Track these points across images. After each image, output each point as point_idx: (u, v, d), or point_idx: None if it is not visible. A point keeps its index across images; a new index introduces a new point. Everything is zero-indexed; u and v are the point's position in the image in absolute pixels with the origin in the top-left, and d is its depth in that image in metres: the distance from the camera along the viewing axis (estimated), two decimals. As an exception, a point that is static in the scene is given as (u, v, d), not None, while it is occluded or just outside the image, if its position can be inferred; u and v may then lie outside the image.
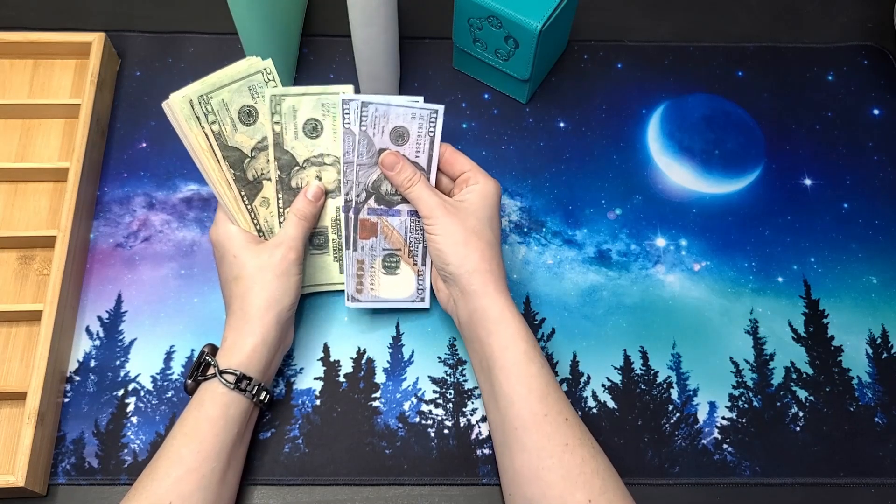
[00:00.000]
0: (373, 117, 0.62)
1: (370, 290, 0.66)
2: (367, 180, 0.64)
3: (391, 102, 0.62)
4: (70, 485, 0.63)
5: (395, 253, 0.66)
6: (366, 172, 0.64)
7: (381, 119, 0.62)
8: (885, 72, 0.82)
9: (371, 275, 0.66)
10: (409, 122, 0.62)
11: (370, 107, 0.62)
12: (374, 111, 0.62)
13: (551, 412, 0.56)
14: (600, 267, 0.73)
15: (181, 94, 0.60)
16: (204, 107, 0.61)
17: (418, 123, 0.63)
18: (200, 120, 0.61)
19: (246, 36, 0.71)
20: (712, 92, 0.81)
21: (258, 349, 0.59)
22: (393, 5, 0.67)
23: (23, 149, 0.75)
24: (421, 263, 0.66)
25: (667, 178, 0.76)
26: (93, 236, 0.72)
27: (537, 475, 0.55)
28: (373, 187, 0.64)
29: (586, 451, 0.56)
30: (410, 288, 0.67)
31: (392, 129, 0.63)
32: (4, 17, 0.82)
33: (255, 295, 0.60)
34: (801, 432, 0.66)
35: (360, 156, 0.63)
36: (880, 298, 0.72)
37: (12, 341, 0.68)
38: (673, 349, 0.69)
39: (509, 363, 0.58)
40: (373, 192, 0.64)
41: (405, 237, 0.66)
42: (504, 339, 0.58)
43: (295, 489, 0.64)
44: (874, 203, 0.76)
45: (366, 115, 0.62)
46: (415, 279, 0.67)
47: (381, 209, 0.65)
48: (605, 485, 0.55)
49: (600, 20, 0.84)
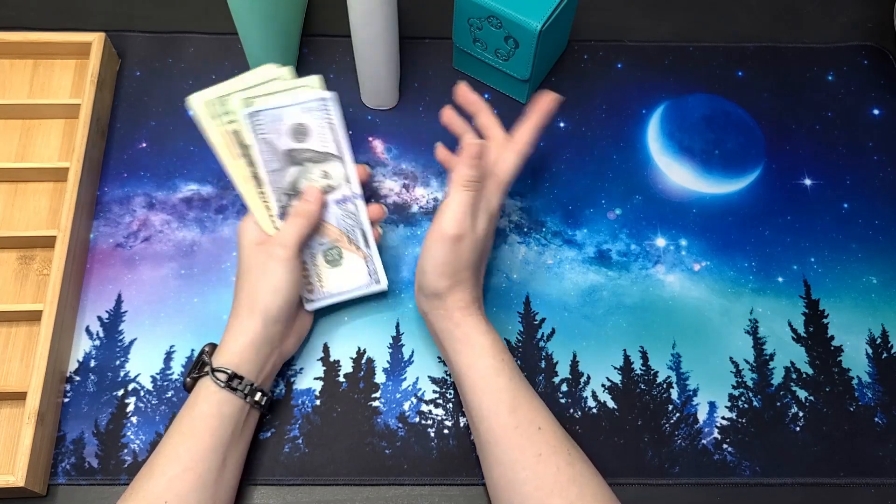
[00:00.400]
0: (268, 123, 0.62)
1: (320, 289, 0.66)
2: (283, 183, 0.64)
3: (281, 103, 0.62)
4: (70, 485, 0.63)
5: (334, 245, 0.66)
6: (279, 177, 0.63)
7: (275, 123, 0.62)
8: (885, 72, 0.82)
9: (316, 273, 0.66)
10: (303, 118, 0.62)
11: (262, 114, 0.62)
12: (267, 117, 0.62)
13: (522, 423, 0.57)
14: (600, 267, 0.73)
15: (202, 94, 0.62)
16: (221, 106, 0.62)
17: (312, 115, 0.63)
18: (218, 118, 0.62)
19: (246, 36, 0.71)
20: (712, 92, 0.81)
21: (248, 349, 0.59)
22: (393, 5, 0.67)
23: (23, 149, 0.75)
24: (365, 247, 0.66)
25: (667, 178, 0.76)
26: (93, 236, 0.72)
27: (513, 487, 0.56)
28: (291, 189, 0.64)
29: (561, 460, 0.56)
30: (362, 274, 0.66)
31: (290, 129, 0.63)
32: (4, 17, 0.82)
33: (248, 294, 0.60)
34: (801, 432, 0.66)
35: (268, 162, 0.63)
36: (880, 298, 0.72)
37: (12, 341, 0.68)
38: (673, 349, 0.69)
39: (477, 378, 0.58)
40: (293, 192, 0.64)
41: (339, 226, 0.65)
42: (469, 356, 0.59)
43: (295, 489, 0.64)
44: (874, 203, 0.76)
45: (260, 124, 0.62)
46: (363, 265, 0.66)
47: None
48: (581, 492, 0.55)
49: (600, 20, 0.84)
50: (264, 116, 0.62)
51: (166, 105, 0.78)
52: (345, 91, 0.79)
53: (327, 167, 0.64)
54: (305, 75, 0.80)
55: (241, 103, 0.62)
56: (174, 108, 0.78)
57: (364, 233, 0.66)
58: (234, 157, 0.63)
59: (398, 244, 0.73)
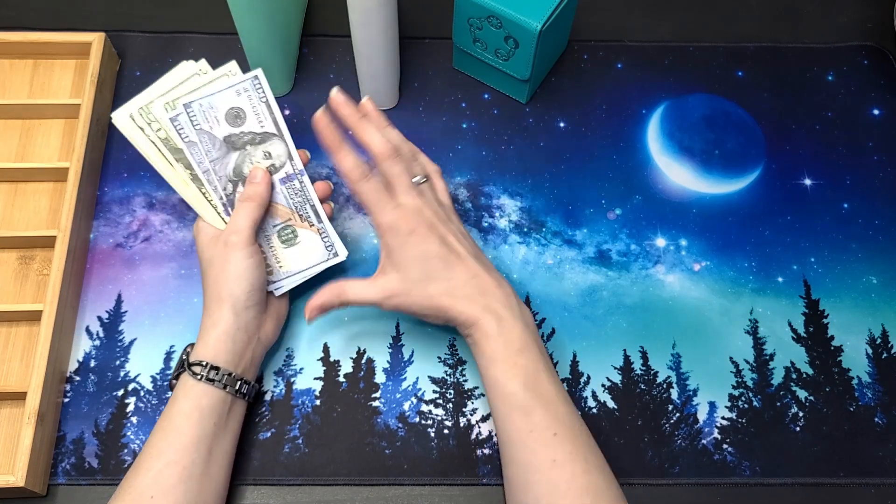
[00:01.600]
0: (201, 114, 0.62)
1: (279, 269, 0.66)
2: (227, 171, 0.64)
3: (211, 91, 0.62)
4: (70, 485, 0.63)
5: (287, 224, 0.66)
6: (222, 165, 0.63)
7: (209, 111, 0.62)
8: (885, 72, 0.82)
9: (273, 255, 0.66)
10: (237, 100, 0.63)
11: (194, 105, 0.62)
12: (200, 107, 0.62)
13: (537, 428, 0.56)
14: (600, 267, 0.73)
15: (119, 111, 0.63)
16: (146, 116, 0.63)
17: (246, 97, 0.63)
18: (144, 130, 0.63)
19: (246, 36, 0.71)
20: (712, 92, 0.81)
21: (222, 339, 0.59)
22: (393, 5, 0.67)
23: (23, 149, 0.75)
24: (317, 222, 0.66)
25: (667, 178, 0.76)
26: (93, 236, 0.72)
27: (526, 488, 0.55)
28: (235, 175, 0.64)
29: (577, 468, 0.55)
30: (319, 249, 0.66)
31: (226, 114, 0.63)
32: (4, 17, 0.82)
33: (211, 287, 0.61)
34: (801, 432, 0.66)
35: (209, 152, 0.63)
36: (880, 298, 0.72)
37: (12, 341, 0.68)
38: (673, 349, 0.69)
39: (490, 383, 0.58)
40: (236, 178, 0.64)
41: (289, 205, 0.65)
42: (482, 361, 0.58)
43: (295, 489, 0.64)
44: (874, 203, 0.76)
45: (194, 116, 0.62)
46: (318, 239, 0.66)
47: None
48: (595, 501, 0.54)
49: (600, 20, 0.84)
50: (197, 107, 0.62)
51: (166, 105, 0.78)
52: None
53: (268, 147, 0.64)
54: (305, 75, 0.81)
55: (163, 108, 0.63)
56: (174, 108, 0.78)
57: (314, 207, 0.65)
58: (170, 163, 0.63)
59: (398, 244, 0.73)
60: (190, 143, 0.63)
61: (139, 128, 0.63)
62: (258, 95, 0.63)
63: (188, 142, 0.63)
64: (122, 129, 0.63)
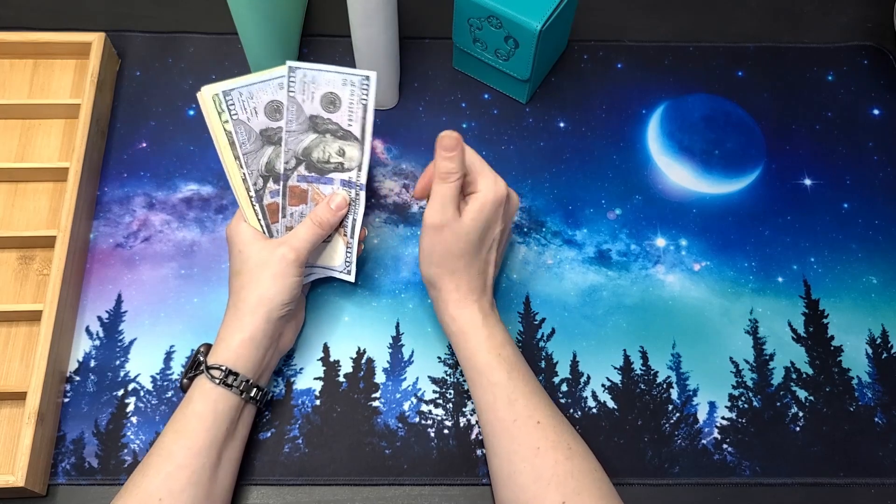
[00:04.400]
0: (301, 83, 0.61)
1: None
2: (298, 147, 0.63)
3: (321, 68, 0.61)
4: (70, 485, 0.63)
5: None
6: (295, 139, 0.63)
7: (310, 85, 0.61)
8: (885, 72, 0.82)
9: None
10: (339, 89, 0.62)
11: (298, 72, 0.61)
12: (303, 76, 0.61)
13: (520, 417, 0.57)
14: (600, 267, 0.73)
15: (211, 87, 0.61)
16: (219, 105, 0.61)
17: (349, 90, 0.61)
18: (222, 116, 0.62)
19: (246, 36, 0.71)
20: (712, 92, 0.81)
21: (246, 345, 0.59)
22: (393, 5, 0.67)
23: (23, 149, 0.75)
24: (349, 236, 0.66)
25: (667, 178, 0.76)
26: (93, 236, 0.72)
27: (510, 478, 0.56)
28: (303, 154, 0.63)
29: (560, 454, 0.56)
30: (339, 257, 0.66)
31: (323, 96, 0.62)
32: (4, 17, 0.82)
33: (249, 291, 0.60)
34: (800, 432, 0.66)
35: (290, 122, 0.62)
36: (880, 298, 0.72)
37: (12, 341, 0.68)
38: (673, 349, 0.69)
39: (474, 373, 0.60)
40: (303, 158, 0.64)
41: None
42: (465, 350, 0.60)
43: (295, 489, 0.64)
44: (874, 203, 0.76)
45: (293, 81, 0.61)
46: (343, 250, 0.66)
47: (311, 177, 0.64)
48: (579, 486, 0.55)
49: (600, 20, 0.84)
50: (300, 75, 0.61)
51: (166, 105, 0.78)
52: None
53: (346, 146, 0.63)
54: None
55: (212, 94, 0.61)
56: (174, 108, 0.78)
57: (355, 223, 0.65)
58: (230, 153, 0.62)
59: (398, 244, 0.73)
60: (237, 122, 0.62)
61: (217, 111, 0.61)
62: (361, 95, 0.62)
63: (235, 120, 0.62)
64: (203, 104, 0.61)
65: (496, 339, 0.60)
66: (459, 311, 0.61)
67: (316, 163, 0.64)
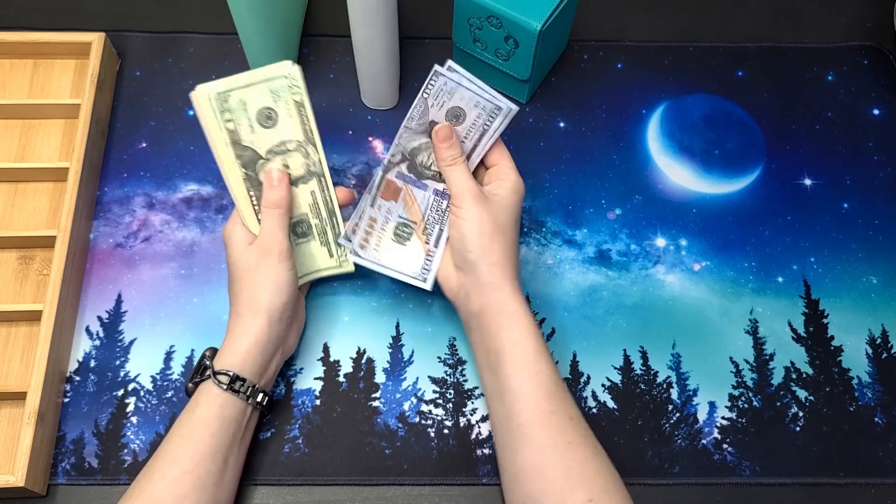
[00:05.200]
0: (438, 89, 0.62)
1: (374, 250, 0.66)
2: (408, 145, 0.64)
3: (462, 83, 0.61)
4: (70, 485, 0.63)
5: (409, 224, 0.66)
6: (409, 137, 0.64)
7: (445, 94, 0.62)
8: (885, 72, 0.82)
9: (379, 236, 0.66)
10: (470, 108, 0.62)
11: (440, 79, 0.61)
12: (443, 84, 0.62)
13: (557, 410, 0.57)
14: (600, 267, 0.73)
15: (205, 87, 0.60)
16: (221, 103, 0.61)
17: (477, 112, 0.62)
18: (216, 114, 0.61)
19: (246, 36, 0.71)
20: (712, 92, 0.81)
21: (251, 350, 0.59)
22: (393, 5, 0.67)
23: (23, 149, 0.75)
24: (433, 244, 0.65)
25: (667, 178, 0.76)
26: (93, 236, 0.72)
27: (539, 472, 0.55)
28: (410, 153, 0.64)
29: (589, 451, 0.56)
30: (416, 264, 0.66)
31: (451, 108, 0.63)
32: (4, 17, 0.82)
33: (246, 296, 0.60)
34: (801, 432, 0.66)
35: (412, 119, 0.63)
36: (880, 298, 0.72)
37: (12, 341, 0.68)
38: (673, 349, 0.69)
39: (519, 359, 0.58)
40: (408, 158, 0.64)
41: (424, 213, 0.65)
42: (515, 334, 0.58)
43: (295, 489, 0.64)
44: (874, 203, 0.76)
45: (432, 85, 0.62)
46: (423, 257, 0.66)
47: (409, 177, 0.65)
48: (605, 484, 0.55)
49: (600, 20, 0.84)
50: (441, 82, 0.61)
51: (166, 105, 0.78)
52: (345, 91, 0.79)
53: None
54: (305, 75, 0.80)
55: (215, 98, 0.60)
56: (174, 108, 0.78)
57: (441, 232, 0.65)
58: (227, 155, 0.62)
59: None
60: (422, 100, 0.62)
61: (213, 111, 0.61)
62: (486, 120, 0.63)
63: (423, 99, 0.62)
64: (197, 104, 0.60)
65: (538, 328, 0.60)
66: (504, 292, 0.60)
67: (418, 165, 0.65)
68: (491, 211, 0.61)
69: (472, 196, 0.61)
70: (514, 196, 0.63)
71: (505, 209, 0.62)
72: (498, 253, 0.60)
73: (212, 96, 0.60)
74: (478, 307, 0.60)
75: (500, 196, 0.62)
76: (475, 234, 0.60)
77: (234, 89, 0.61)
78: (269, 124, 0.62)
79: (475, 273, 0.61)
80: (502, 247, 0.61)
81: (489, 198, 0.62)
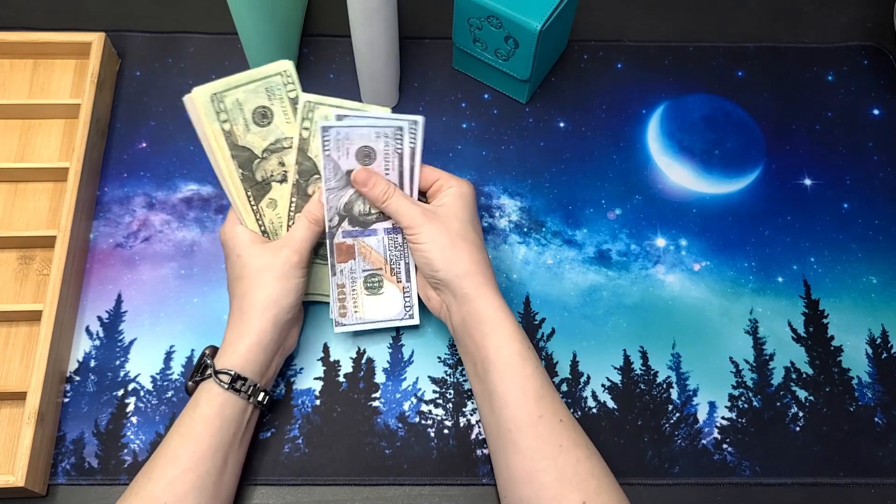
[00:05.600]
0: (335, 140, 0.61)
1: (354, 313, 0.65)
2: (339, 203, 0.63)
3: (353, 123, 0.61)
4: (70, 485, 0.63)
5: (376, 273, 0.65)
6: (336, 196, 0.63)
7: (343, 141, 0.61)
8: (885, 72, 0.82)
9: (353, 298, 0.65)
10: (373, 141, 0.61)
11: (331, 131, 0.60)
12: (336, 134, 0.61)
13: (546, 413, 0.56)
14: (600, 267, 0.73)
15: (202, 89, 0.60)
16: (217, 104, 0.61)
17: (384, 141, 0.61)
18: (211, 116, 0.61)
19: (246, 36, 0.71)
20: (712, 92, 0.81)
21: (253, 350, 0.59)
22: (393, 5, 0.67)
23: (23, 149, 0.75)
24: (405, 280, 0.65)
25: (667, 178, 0.76)
26: (93, 236, 0.72)
27: (531, 477, 0.55)
28: (345, 210, 0.63)
29: (581, 453, 0.56)
30: (397, 306, 0.66)
31: (357, 150, 0.62)
32: (4, 17, 0.82)
33: (254, 295, 0.60)
34: (801, 432, 0.66)
35: (328, 180, 0.62)
36: (880, 298, 0.72)
37: (12, 341, 0.68)
38: (673, 349, 0.69)
39: (504, 364, 0.58)
40: (345, 214, 0.63)
41: (385, 256, 0.65)
42: (498, 340, 0.58)
43: (295, 489, 0.64)
44: (874, 203, 0.76)
45: (328, 139, 0.61)
46: (401, 297, 0.66)
47: (356, 231, 0.64)
48: (599, 486, 0.55)
49: (600, 20, 0.84)
50: (334, 133, 0.61)
51: (166, 105, 0.78)
52: (345, 91, 0.79)
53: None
54: (305, 75, 0.80)
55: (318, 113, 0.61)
56: (174, 108, 0.78)
57: (408, 266, 0.65)
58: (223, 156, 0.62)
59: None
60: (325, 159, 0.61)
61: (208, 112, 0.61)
62: (395, 145, 0.62)
63: (325, 157, 0.61)
64: (193, 106, 0.60)
65: (522, 331, 0.59)
66: (482, 300, 0.59)
67: (358, 216, 0.64)
68: (443, 223, 0.61)
69: (421, 218, 0.61)
70: (460, 200, 0.62)
71: (455, 216, 0.61)
72: (464, 262, 0.60)
73: (207, 98, 0.60)
74: (460, 319, 0.60)
75: (446, 205, 0.62)
76: (437, 252, 0.60)
77: (229, 90, 0.61)
78: (265, 123, 0.63)
79: (449, 288, 0.61)
80: (467, 255, 0.60)
81: (436, 212, 0.61)
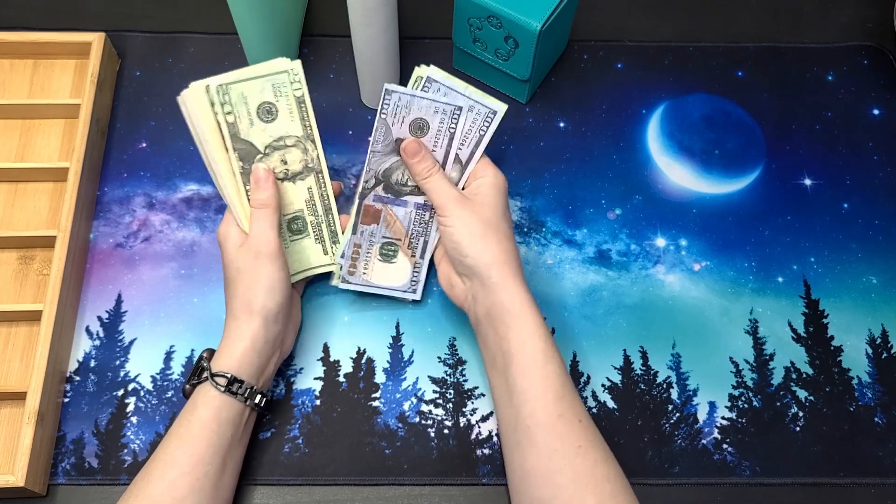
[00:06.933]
0: (395, 106, 0.62)
1: (362, 274, 0.67)
2: (379, 168, 0.65)
3: (416, 94, 0.62)
4: (70, 485, 0.63)
5: (394, 242, 0.67)
6: (378, 159, 0.64)
7: (402, 109, 0.62)
8: (885, 72, 0.82)
9: (366, 260, 0.67)
10: (430, 116, 0.63)
11: (393, 96, 0.62)
12: (398, 100, 0.62)
13: (566, 413, 0.56)
14: (600, 267, 0.73)
15: (201, 81, 0.60)
16: (222, 96, 0.61)
17: (440, 118, 0.63)
18: (214, 107, 0.60)
19: (246, 36, 0.71)
20: (712, 92, 0.81)
21: (248, 353, 0.59)
22: (393, 5, 0.67)
23: (23, 149, 0.75)
24: (419, 256, 0.67)
25: (667, 178, 0.76)
26: (93, 236, 0.72)
27: (548, 477, 0.55)
28: (383, 175, 0.65)
29: (598, 455, 0.55)
30: (404, 277, 0.67)
31: (412, 121, 0.63)
32: (4, 17, 0.82)
33: (240, 298, 0.60)
34: (800, 432, 0.66)
35: (376, 142, 0.63)
36: (880, 298, 0.72)
37: (12, 341, 0.68)
38: (673, 349, 0.69)
39: (527, 360, 0.57)
40: (382, 180, 0.65)
41: (407, 228, 0.66)
42: (523, 334, 0.58)
43: (295, 489, 0.64)
44: (874, 203, 0.76)
45: (387, 104, 0.62)
46: (410, 270, 0.67)
47: (387, 197, 0.65)
48: (615, 489, 0.54)
49: (600, 20, 0.84)
50: (395, 98, 0.62)
51: (166, 105, 0.78)
52: (345, 91, 0.79)
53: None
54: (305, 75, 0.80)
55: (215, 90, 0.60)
56: (174, 108, 0.77)
57: (427, 244, 0.66)
58: (223, 150, 0.61)
59: (398, 244, 0.73)
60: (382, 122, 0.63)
61: (210, 104, 0.60)
62: (449, 125, 0.63)
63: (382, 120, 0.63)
64: (190, 101, 0.60)
65: (546, 328, 0.59)
66: (508, 291, 0.59)
67: (394, 185, 0.65)
68: (476, 211, 0.61)
69: (455, 202, 0.61)
70: (496, 191, 0.63)
71: (489, 205, 0.62)
72: (493, 251, 0.60)
73: (212, 88, 0.60)
74: (484, 310, 0.60)
75: (481, 194, 0.62)
76: (467, 238, 0.60)
77: (236, 82, 0.61)
78: (269, 119, 0.63)
79: (476, 276, 0.60)
80: (496, 244, 0.60)
81: (471, 199, 0.62)
